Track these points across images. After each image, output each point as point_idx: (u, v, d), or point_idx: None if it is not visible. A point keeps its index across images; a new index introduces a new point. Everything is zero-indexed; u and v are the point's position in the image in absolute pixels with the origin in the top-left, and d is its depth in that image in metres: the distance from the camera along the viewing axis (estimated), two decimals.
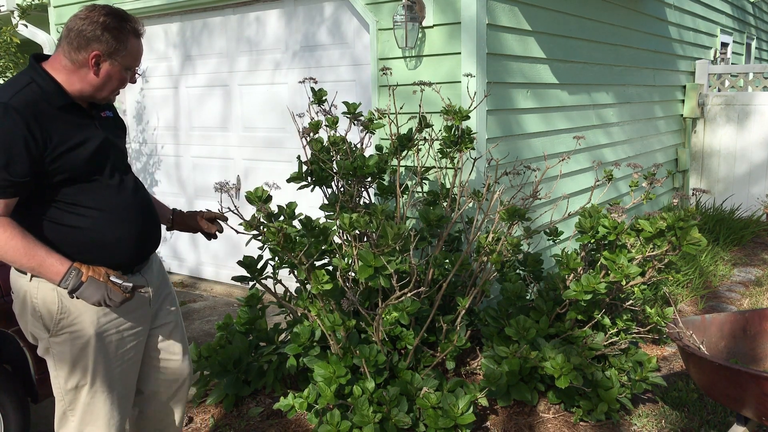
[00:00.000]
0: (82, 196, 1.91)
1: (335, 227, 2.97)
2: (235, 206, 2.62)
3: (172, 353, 2.26)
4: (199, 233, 2.43)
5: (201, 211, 2.42)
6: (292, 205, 2.79)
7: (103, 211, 1.94)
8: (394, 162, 3.57)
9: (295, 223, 2.84)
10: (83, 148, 1.89)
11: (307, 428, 3.10)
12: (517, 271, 3.56)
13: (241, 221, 2.61)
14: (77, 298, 1.85)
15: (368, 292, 3.23)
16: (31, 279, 1.91)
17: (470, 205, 3.47)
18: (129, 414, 2.16)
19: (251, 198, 2.64)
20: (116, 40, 1.88)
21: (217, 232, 2.40)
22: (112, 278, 1.89)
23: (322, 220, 3.00)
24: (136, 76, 2.04)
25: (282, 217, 2.77)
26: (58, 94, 1.88)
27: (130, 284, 1.91)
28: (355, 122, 3.48)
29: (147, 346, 2.20)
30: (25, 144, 1.75)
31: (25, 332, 2.04)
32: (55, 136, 1.82)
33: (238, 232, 2.75)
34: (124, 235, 1.99)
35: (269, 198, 2.67)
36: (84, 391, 2.00)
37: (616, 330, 3.25)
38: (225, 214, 2.45)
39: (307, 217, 2.81)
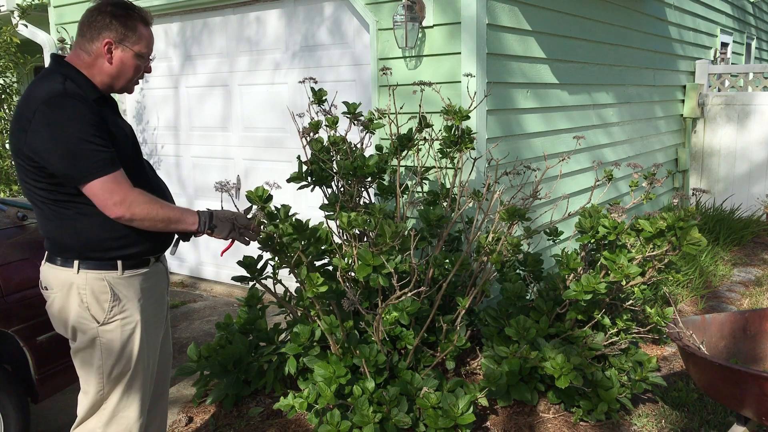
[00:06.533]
0: (134, 180, 1.96)
1: (325, 228, 2.95)
2: (236, 207, 2.61)
3: (166, 339, 2.38)
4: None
5: None
6: (286, 208, 2.78)
7: None
8: (394, 162, 3.57)
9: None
10: (126, 134, 2.01)
11: (307, 428, 3.10)
12: (517, 271, 3.56)
13: None
14: (213, 233, 2.03)
15: (368, 292, 3.24)
16: (78, 271, 1.94)
17: (470, 205, 3.47)
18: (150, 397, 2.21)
19: (251, 197, 2.63)
20: (124, 27, 1.96)
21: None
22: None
23: (322, 220, 3.00)
24: (150, 65, 2.09)
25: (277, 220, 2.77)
26: (90, 87, 1.96)
27: (247, 207, 2.24)
28: (355, 122, 3.48)
29: None
30: (94, 121, 1.84)
31: (61, 328, 2.04)
32: (106, 124, 1.90)
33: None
34: None
35: (270, 197, 2.65)
36: (126, 377, 2.05)
37: (616, 330, 3.25)
38: None
39: (298, 221, 2.78)
